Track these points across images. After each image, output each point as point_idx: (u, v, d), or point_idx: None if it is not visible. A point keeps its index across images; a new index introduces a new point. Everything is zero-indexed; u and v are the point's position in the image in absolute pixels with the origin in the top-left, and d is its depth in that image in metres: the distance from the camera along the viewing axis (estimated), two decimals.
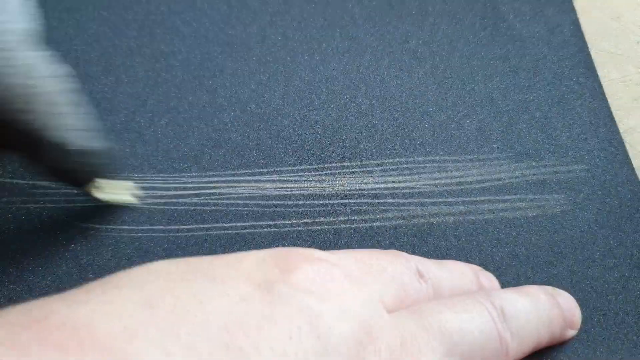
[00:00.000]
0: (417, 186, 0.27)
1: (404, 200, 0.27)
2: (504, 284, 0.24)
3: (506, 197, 0.27)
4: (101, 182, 0.25)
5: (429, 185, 0.27)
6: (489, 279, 0.24)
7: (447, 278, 0.22)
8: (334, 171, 0.28)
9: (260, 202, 0.27)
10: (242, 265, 0.18)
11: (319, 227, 0.26)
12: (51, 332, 0.14)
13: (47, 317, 0.15)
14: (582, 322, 0.23)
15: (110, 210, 0.26)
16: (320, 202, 0.27)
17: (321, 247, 0.22)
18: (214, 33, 0.32)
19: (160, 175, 0.28)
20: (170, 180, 0.27)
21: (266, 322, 0.16)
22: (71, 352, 0.14)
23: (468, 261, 0.25)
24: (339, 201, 0.27)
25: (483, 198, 0.27)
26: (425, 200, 0.27)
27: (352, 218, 0.27)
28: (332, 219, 0.26)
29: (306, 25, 0.33)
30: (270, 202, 0.27)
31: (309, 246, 0.23)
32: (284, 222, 0.26)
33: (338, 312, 0.17)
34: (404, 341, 0.18)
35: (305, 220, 0.26)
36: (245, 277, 0.18)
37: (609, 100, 0.30)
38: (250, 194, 0.27)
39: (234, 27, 0.32)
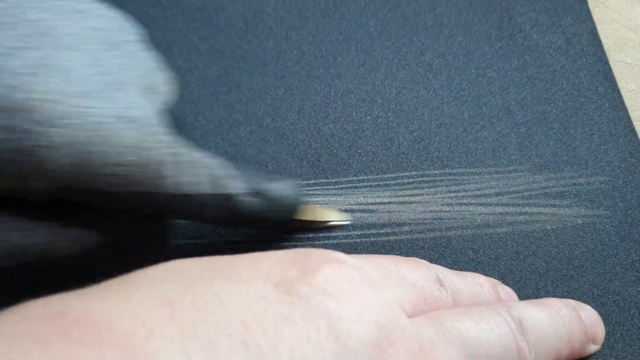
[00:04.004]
0: (434, 199, 0.27)
1: (420, 214, 0.27)
2: (524, 298, 0.24)
3: (525, 209, 0.27)
4: (307, 211, 0.25)
5: (446, 198, 0.27)
6: (507, 293, 0.24)
7: (466, 288, 0.22)
8: (350, 185, 0.28)
9: None
10: (261, 265, 0.18)
11: (336, 242, 0.26)
12: (72, 327, 0.14)
13: (67, 312, 0.15)
14: (605, 338, 0.23)
15: None
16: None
17: None
18: (231, 49, 0.32)
19: None
20: None
21: (285, 322, 0.16)
22: (91, 347, 0.14)
23: (487, 275, 0.24)
24: (356, 215, 0.27)
25: (501, 211, 0.27)
26: (443, 213, 0.27)
27: (369, 232, 0.26)
28: (348, 233, 0.26)
29: (321, 39, 0.33)
30: None
31: None
32: (300, 235, 0.26)
33: (357, 315, 0.17)
34: (423, 347, 0.18)
35: (322, 234, 0.26)
36: (265, 277, 0.18)
37: (628, 112, 0.30)
38: None
39: (250, 42, 0.33)
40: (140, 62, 0.22)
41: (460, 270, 0.24)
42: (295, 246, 0.26)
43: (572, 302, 0.23)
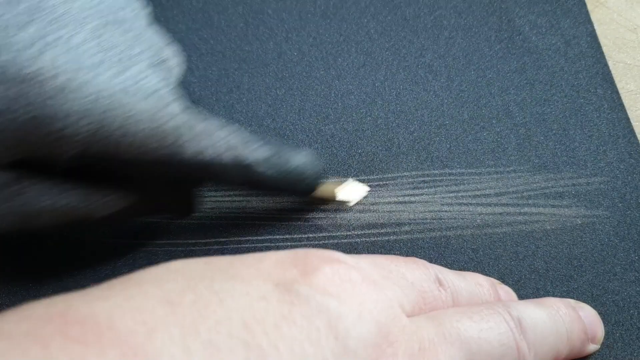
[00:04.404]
0: (434, 199, 0.27)
1: (420, 214, 0.27)
2: (523, 298, 0.24)
3: (524, 209, 0.27)
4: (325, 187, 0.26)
5: (445, 198, 0.27)
6: (506, 292, 0.24)
7: (466, 288, 0.22)
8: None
9: (276, 215, 0.27)
10: (262, 265, 0.18)
11: (336, 241, 0.26)
12: (72, 327, 0.14)
13: (68, 312, 0.15)
14: (604, 338, 0.23)
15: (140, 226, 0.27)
16: (337, 215, 0.27)
17: None
18: (231, 50, 0.33)
19: None
20: None
21: (285, 321, 0.16)
22: (91, 346, 0.14)
23: (486, 275, 0.24)
24: (356, 215, 0.27)
25: (501, 211, 0.27)
26: (442, 213, 0.27)
27: (369, 232, 0.26)
28: (348, 232, 0.26)
29: (322, 40, 0.33)
30: (286, 216, 0.27)
31: None
32: (300, 235, 0.26)
33: (357, 314, 0.17)
34: (422, 346, 0.18)
35: (322, 234, 0.26)
36: (265, 277, 0.18)
37: (627, 112, 0.30)
38: (266, 208, 0.27)
39: (250, 43, 0.33)
40: (146, 36, 0.23)
41: (460, 270, 0.24)
42: (295, 246, 0.26)
43: (571, 301, 0.23)
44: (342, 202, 0.27)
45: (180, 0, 0.34)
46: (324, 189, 0.26)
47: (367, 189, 0.27)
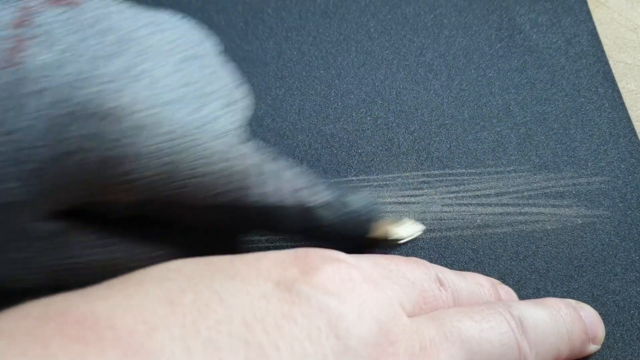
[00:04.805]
0: (434, 200, 0.27)
1: (420, 214, 0.27)
2: (524, 298, 0.24)
3: (525, 209, 0.27)
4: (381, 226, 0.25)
5: (446, 198, 0.27)
6: (507, 292, 0.24)
7: (466, 288, 0.22)
8: (350, 185, 0.28)
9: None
10: (262, 264, 0.18)
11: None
12: (72, 326, 0.14)
13: (68, 311, 0.15)
14: (604, 338, 0.23)
15: None
16: None
17: None
18: (231, 49, 0.33)
19: None
20: None
21: (286, 321, 0.16)
22: (91, 346, 0.14)
23: (486, 275, 0.24)
24: None
25: (501, 211, 0.27)
26: (443, 213, 0.27)
27: None
28: None
29: (322, 40, 0.33)
30: None
31: None
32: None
33: (357, 314, 0.17)
34: (423, 346, 0.18)
35: None
36: (265, 276, 0.18)
37: (628, 112, 0.30)
38: None
39: (250, 42, 0.33)
40: (221, 74, 0.22)
41: (461, 270, 0.24)
42: (295, 246, 0.26)
43: (572, 301, 0.23)
44: (395, 240, 0.26)
45: (180, 0, 0.34)
46: (378, 229, 0.25)
47: (423, 227, 0.26)
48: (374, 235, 0.24)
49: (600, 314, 0.23)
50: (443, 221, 0.27)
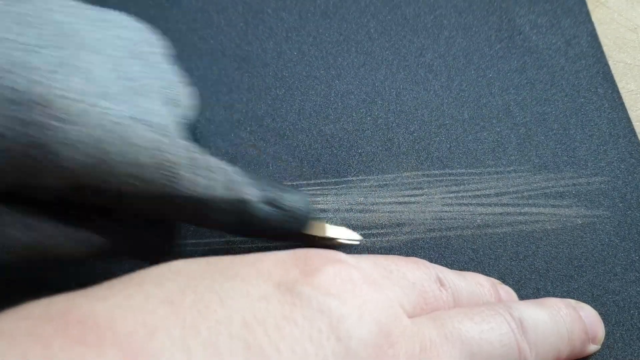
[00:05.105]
0: (434, 199, 0.27)
1: (420, 214, 0.27)
2: (524, 298, 0.24)
3: (525, 209, 0.27)
4: (317, 226, 0.25)
5: (446, 198, 0.27)
6: (507, 292, 0.24)
7: (466, 288, 0.22)
8: (350, 185, 0.28)
9: None
10: (262, 265, 0.18)
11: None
12: (73, 327, 0.14)
13: (69, 312, 0.15)
14: (604, 338, 0.23)
15: None
16: (337, 216, 0.27)
17: None
18: (231, 49, 0.33)
19: None
20: None
21: (287, 322, 0.16)
22: (92, 346, 0.14)
23: (486, 275, 0.24)
24: (356, 215, 0.27)
25: (501, 211, 0.27)
26: (443, 213, 0.27)
27: (369, 232, 0.26)
28: None
29: (322, 40, 0.33)
30: None
31: None
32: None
33: (358, 315, 0.17)
34: (424, 347, 0.18)
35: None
36: (266, 277, 0.18)
37: (628, 112, 0.30)
38: None
39: (250, 43, 0.33)
40: (163, 74, 0.22)
41: (461, 270, 0.24)
42: (295, 247, 0.26)
43: (572, 301, 0.23)
44: (331, 239, 0.26)
45: (180, 0, 0.34)
46: (315, 227, 0.25)
47: (359, 237, 0.26)
48: (311, 232, 0.24)
49: (600, 314, 0.23)
50: (443, 221, 0.27)
